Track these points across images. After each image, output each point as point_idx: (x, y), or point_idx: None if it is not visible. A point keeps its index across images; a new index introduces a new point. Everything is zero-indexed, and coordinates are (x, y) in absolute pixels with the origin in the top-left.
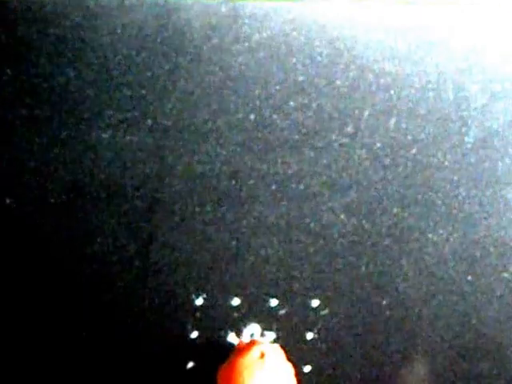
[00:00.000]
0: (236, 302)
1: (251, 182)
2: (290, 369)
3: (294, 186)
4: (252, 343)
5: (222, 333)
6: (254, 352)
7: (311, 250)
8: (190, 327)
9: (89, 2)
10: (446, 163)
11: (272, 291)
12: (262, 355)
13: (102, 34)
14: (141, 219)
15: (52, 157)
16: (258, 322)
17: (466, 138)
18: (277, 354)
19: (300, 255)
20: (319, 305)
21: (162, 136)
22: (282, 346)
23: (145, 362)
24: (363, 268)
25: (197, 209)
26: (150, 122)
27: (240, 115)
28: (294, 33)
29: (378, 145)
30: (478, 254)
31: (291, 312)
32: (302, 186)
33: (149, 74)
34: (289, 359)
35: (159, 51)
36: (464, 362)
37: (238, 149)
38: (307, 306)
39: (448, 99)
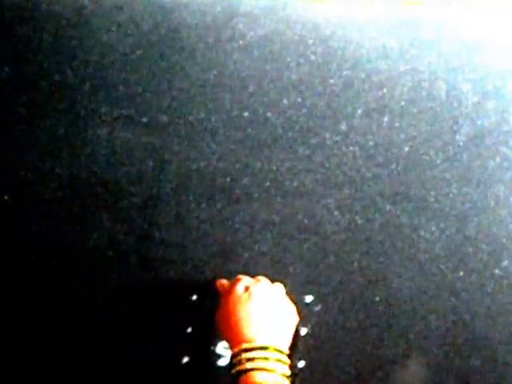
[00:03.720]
0: None
1: (246, 179)
2: (277, 293)
3: (287, 183)
4: (235, 281)
5: None
6: (239, 288)
7: (305, 246)
8: (185, 322)
9: (85, 1)
10: (438, 161)
11: None
12: (247, 288)
13: (98, 32)
14: (137, 215)
15: (49, 153)
16: None
17: (458, 136)
18: (260, 283)
19: (294, 251)
20: (313, 300)
21: (158, 133)
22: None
23: (140, 357)
24: (356, 264)
25: (192, 205)
26: (145, 119)
27: (234, 113)
28: (288, 32)
29: (371, 143)
30: (469, 250)
31: None
32: (295, 183)
33: (145, 71)
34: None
35: (155, 49)
36: (455, 356)
37: (233, 146)
38: (301, 302)
39: (440, 98)
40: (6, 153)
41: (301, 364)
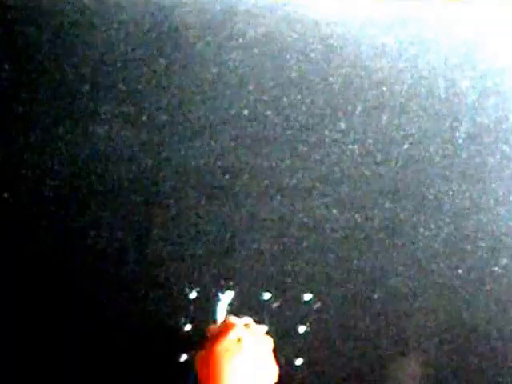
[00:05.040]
0: (229, 295)
1: (245, 176)
2: (267, 346)
3: (286, 180)
4: (227, 327)
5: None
6: (231, 336)
7: (304, 244)
8: (183, 320)
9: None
10: (438, 158)
11: (265, 285)
12: (239, 340)
13: (98, 30)
14: (136, 213)
15: (49, 151)
16: (251, 315)
17: (458, 134)
18: (253, 336)
19: (293, 249)
20: (311, 298)
21: (157, 131)
22: (272, 337)
23: (139, 355)
24: (355, 262)
25: (191, 203)
26: (145, 117)
27: (234, 111)
28: (288, 30)
29: (370, 140)
30: (468, 248)
31: (284, 305)
32: (294, 181)
33: (144, 69)
34: (281, 352)
35: (155, 47)
36: (454, 354)
37: (232, 144)
38: (299, 300)
39: (439, 95)
40: (5, 150)
41: (299, 361)
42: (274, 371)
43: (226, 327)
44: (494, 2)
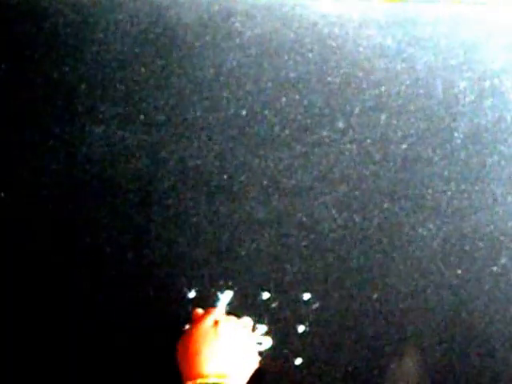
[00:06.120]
0: (228, 295)
1: (243, 176)
2: (244, 334)
3: (285, 180)
4: (207, 312)
5: None
6: (208, 321)
7: (303, 244)
8: (182, 320)
9: (83, 0)
10: (436, 159)
11: (264, 285)
12: (216, 323)
13: (95, 30)
14: (134, 213)
15: (46, 151)
16: (250, 315)
17: (456, 134)
18: (230, 321)
19: (291, 249)
20: (310, 298)
21: (155, 131)
22: (272, 337)
23: (138, 354)
24: (354, 262)
25: (189, 203)
26: (142, 117)
27: (232, 111)
28: (285, 30)
29: (369, 140)
30: (467, 247)
31: (283, 305)
32: (293, 181)
33: (142, 69)
34: (280, 352)
35: (152, 48)
36: (453, 353)
37: (230, 144)
38: (299, 300)
39: (437, 96)
40: (2, 150)
41: (298, 361)
42: (252, 358)
43: (205, 312)
44: (492, 3)
